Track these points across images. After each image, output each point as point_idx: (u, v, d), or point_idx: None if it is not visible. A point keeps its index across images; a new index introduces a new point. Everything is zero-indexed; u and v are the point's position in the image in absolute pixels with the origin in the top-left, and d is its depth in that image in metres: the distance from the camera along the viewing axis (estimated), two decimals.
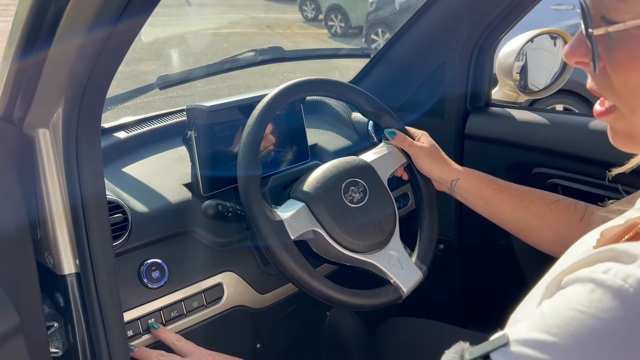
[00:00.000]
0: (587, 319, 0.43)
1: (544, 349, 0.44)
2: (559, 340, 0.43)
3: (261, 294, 1.13)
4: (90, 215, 0.75)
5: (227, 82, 4.30)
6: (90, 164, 0.74)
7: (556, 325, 0.44)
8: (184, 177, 1.12)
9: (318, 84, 1.10)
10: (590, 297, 0.43)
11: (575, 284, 0.46)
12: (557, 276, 0.50)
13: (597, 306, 0.42)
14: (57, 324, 0.82)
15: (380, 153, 1.12)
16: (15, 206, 0.72)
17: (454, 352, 0.50)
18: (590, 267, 0.46)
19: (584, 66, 0.56)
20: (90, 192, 0.74)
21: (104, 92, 0.72)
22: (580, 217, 0.96)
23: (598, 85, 0.56)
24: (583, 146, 1.21)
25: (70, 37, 0.66)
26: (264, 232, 0.93)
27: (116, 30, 0.63)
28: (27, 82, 0.72)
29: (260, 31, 9.88)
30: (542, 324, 0.45)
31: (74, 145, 0.73)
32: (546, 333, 0.44)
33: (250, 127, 0.99)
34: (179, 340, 0.92)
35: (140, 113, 1.28)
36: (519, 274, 1.41)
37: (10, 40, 0.71)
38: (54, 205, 0.78)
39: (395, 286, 1.01)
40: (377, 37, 7.76)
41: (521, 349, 0.45)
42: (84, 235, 0.76)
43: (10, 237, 0.70)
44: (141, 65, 6.42)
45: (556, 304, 0.46)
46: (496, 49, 1.40)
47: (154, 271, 0.99)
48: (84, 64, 0.67)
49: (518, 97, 1.44)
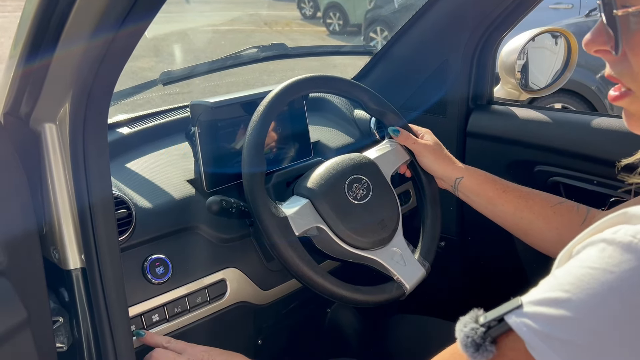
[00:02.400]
0: (598, 273, 0.43)
1: (557, 305, 0.44)
2: (572, 296, 0.44)
3: (264, 290, 1.14)
4: (96, 210, 0.75)
5: (226, 79, 4.30)
6: (97, 159, 0.74)
7: (568, 282, 0.45)
8: (187, 173, 1.12)
9: (322, 81, 1.10)
10: (601, 255, 0.44)
11: (586, 248, 0.47)
12: (568, 248, 0.50)
13: (607, 261, 0.43)
14: (62, 319, 0.82)
15: (383, 150, 1.13)
16: (23, 201, 0.72)
17: (469, 318, 0.51)
18: (601, 233, 0.47)
19: (604, 54, 0.58)
20: (97, 186, 0.74)
21: (112, 87, 0.72)
22: (582, 221, 0.97)
23: (617, 71, 0.58)
24: (585, 144, 1.21)
25: (77, 37, 0.66)
26: (268, 229, 0.93)
27: (122, 30, 0.64)
28: (35, 77, 0.72)
29: (258, 28, 9.87)
30: (555, 284, 0.46)
31: (81, 139, 0.73)
32: (559, 291, 0.45)
33: (255, 123, 0.99)
34: (169, 342, 0.89)
35: (138, 110, 1.28)
36: (520, 272, 1.41)
37: (18, 37, 0.71)
38: (60, 200, 0.78)
39: (399, 283, 1.01)
40: (376, 35, 7.76)
41: (535, 308, 0.46)
42: (90, 231, 0.76)
43: (17, 232, 0.70)
44: (139, 62, 6.40)
45: (569, 266, 0.47)
46: (499, 47, 1.40)
47: (158, 267, 0.99)
48: (92, 60, 0.67)
49: (520, 95, 1.44)
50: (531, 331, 0.45)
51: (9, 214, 0.69)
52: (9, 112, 0.77)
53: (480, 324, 0.49)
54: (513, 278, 1.42)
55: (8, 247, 0.69)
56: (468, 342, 0.49)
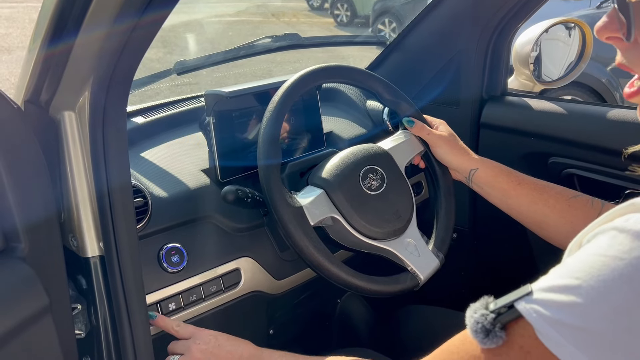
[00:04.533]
0: (609, 260, 0.44)
1: (567, 292, 0.45)
2: (582, 283, 0.44)
3: (277, 280, 1.14)
4: (115, 198, 0.76)
5: (233, 70, 4.30)
6: (116, 147, 0.74)
7: (579, 270, 0.45)
8: (201, 163, 1.12)
9: (336, 71, 1.10)
10: (612, 242, 0.45)
11: (597, 236, 0.47)
12: (579, 237, 0.51)
13: (618, 249, 0.44)
14: (80, 306, 0.83)
15: (397, 141, 1.12)
16: (43, 188, 0.72)
17: (479, 304, 0.51)
18: (611, 222, 0.47)
19: (615, 41, 0.58)
20: (116, 175, 0.75)
21: (131, 75, 0.72)
22: (596, 214, 0.96)
23: (628, 59, 0.57)
24: (600, 136, 1.20)
25: (99, 24, 0.66)
26: (284, 218, 0.93)
27: (144, 17, 0.64)
28: (55, 64, 0.72)
29: (265, 20, 9.85)
30: (565, 271, 0.46)
31: (100, 128, 0.73)
32: (570, 278, 0.45)
33: (270, 114, 0.99)
34: (178, 326, 0.90)
35: (147, 101, 1.28)
36: (532, 265, 1.41)
37: (39, 24, 0.71)
38: (79, 188, 0.78)
39: (413, 273, 1.01)
40: (384, 27, 7.72)
41: (545, 295, 0.46)
42: (109, 219, 0.76)
43: (38, 219, 0.71)
44: (147, 53, 6.38)
45: (579, 254, 0.47)
46: (513, 38, 1.39)
47: (174, 255, 0.99)
48: (113, 47, 0.67)
49: (534, 86, 1.43)
50: (541, 317, 0.45)
51: (29, 201, 0.70)
52: (29, 99, 0.77)
53: (490, 310, 0.49)
54: (525, 271, 1.41)
55: (29, 233, 0.70)
56: (478, 327, 0.49)
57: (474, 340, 0.50)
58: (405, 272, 1.01)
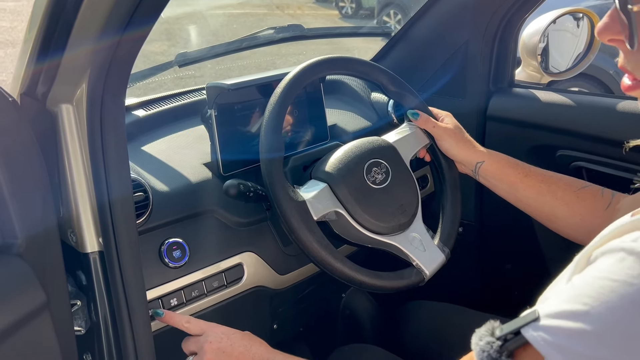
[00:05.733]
0: (618, 286, 0.42)
1: (575, 318, 0.44)
2: (591, 309, 0.43)
3: (280, 275, 1.13)
4: (114, 193, 0.74)
5: (237, 62, 4.27)
6: (114, 141, 0.73)
7: (587, 295, 0.44)
8: (203, 157, 1.11)
9: (340, 63, 1.08)
10: (621, 265, 0.43)
11: (605, 255, 0.46)
12: (586, 251, 0.49)
13: (627, 273, 0.42)
14: (80, 302, 0.82)
15: (402, 134, 1.10)
16: (40, 183, 0.71)
17: (485, 330, 0.50)
18: (619, 238, 0.46)
19: (618, 43, 0.55)
20: (115, 168, 0.73)
21: (129, 67, 0.70)
22: (607, 205, 0.94)
23: (632, 64, 0.55)
24: (609, 128, 1.18)
25: (95, 14, 0.64)
26: (287, 213, 0.91)
27: (140, 8, 0.62)
28: (51, 56, 0.70)
29: (270, 12, 9.80)
30: (573, 295, 0.45)
31: (98, 121, 0.72)
32: (577, 303, 0.44)
33: (272, 106, 0.98)
34: (188, 322, 0.87)
35: (151, 94, 1.27)
36: (540, 259, 1.39)
37: (34, 16, 0.69)
38: (77, 182, 0.77)
39: (418, 269, 1.00)
40: (389, 19, 7.67)
41: (552, 321, 0.45)
42: (108, 214, 0.75)
43: (35, 215, 0.69)
44: (152, 46, 6.38)
45: (587, 276, 0.46)
46: (521, 29, 1.37)
47: (175, 250, 0.98)
48: (109, 39, 0.66)
49: (542, 78, 1.41)
50: (549, 345, 0.44)
51: (26, 196, 0.68)
52: (25, 92, 0.75)
53: (497, 337, 0.48)
54: (533, 265, 1.40)
55: (26, 229, 0.68)
56: (484, 356, 0.48)
57: None
58: (410, 267, 1.00)
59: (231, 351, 0.83)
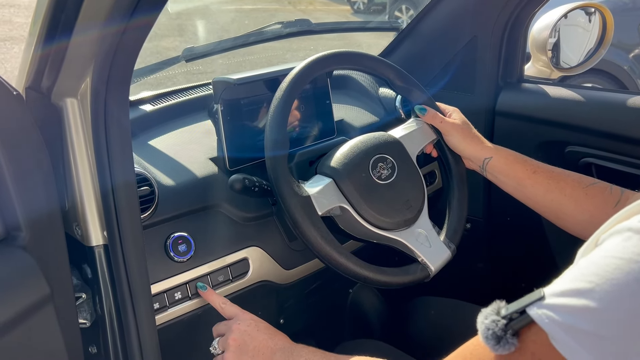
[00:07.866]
0: (624, 263, 0.42)
1: (580, 296, 0.43)
2: (595, 286, 0.43)
3: (286, 270, 1.13)
4: (119, 186, 0.75)
5: (247, 57, 4.27)
6: (119, 134, 0.73)
7: (592, 273, 0.44)
8: (210, 151, 1.11)
9: (347, 57, 1.07)
10: (626, 244, 0.43)
11: (612, 236, 0.46)
12: (594, 237, 0.49)
13: (632, 251, 0.43)
14: (85, 295, 0.82)
15: (409, 129, 1.10)
16: (45, 176, 0.71)
17: (491, 310, 0.50)
18: (627, 220, 0.46)
19: None
20: (119, 162, 0.74)
21: (133, 60, 0.70)
22: (616, 202, 0.93)
23: None
24: (619, 124, 1.17)
25: (99, 6, 0.64)
26: (291, 208, 0.91)
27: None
28: (56, 50, 0.70)
29: (281, 7, 9.78)
30: (579, 274, 0.45)
31: (102, 114, 0.72)
32: (582, 281, 0.44)
33: (278, 101, 0.97)
34: (224, 304, 0.93)
35: (160, 88, 1.27)
36: (548, 255, 1.38)
37: (38, 10, 0.70)
38: (82, 175, 0.77)
39: (423, 264, 0.99)
40: (401, 14, 7.63)
41: (557, 299, 0.45)
42: (112, 207, 0.75)
43: (40, 208, 0.70)
44: (163, 41, 6.41)
45: (593, 256, 0.46)
46: (530, 23, 1.35)
47: (181, 244, 0.98)
48: (113, 32, 0.66)
49: (551, 73, 1.39)
50: (553, 323, 0.44)
51: (31, 189, 0.69)
52: (30, 86, 0.76)
53: (502, 316, 0.48)
54: (541, 262, 1.39)
55: (30, 222, 0.69)
56: (489, 334, 0.48)
57: (486, 347, 0.49)
58: (415, 263, 0.99)
59: (256, 335, 0.86)
